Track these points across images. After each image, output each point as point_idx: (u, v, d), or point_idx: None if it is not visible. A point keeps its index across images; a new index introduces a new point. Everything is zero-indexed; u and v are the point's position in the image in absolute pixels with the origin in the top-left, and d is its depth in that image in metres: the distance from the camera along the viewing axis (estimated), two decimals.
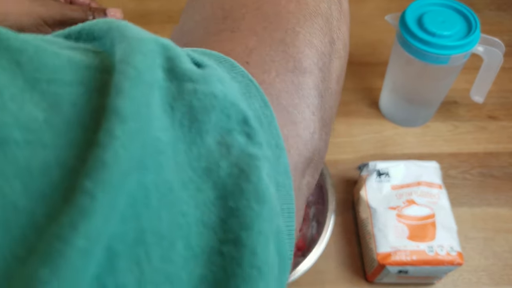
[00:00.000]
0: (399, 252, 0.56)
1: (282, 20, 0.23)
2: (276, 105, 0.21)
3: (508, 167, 0.74)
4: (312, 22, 0.23)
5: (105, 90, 0.15)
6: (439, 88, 0.73)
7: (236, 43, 0.22)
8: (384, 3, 1.03)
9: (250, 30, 0.22)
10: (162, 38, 0.21)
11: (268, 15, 0.23)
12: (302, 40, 0.23)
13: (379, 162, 0.65)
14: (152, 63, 0.17)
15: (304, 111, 0.22)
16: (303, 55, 0.22)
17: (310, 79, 0.23)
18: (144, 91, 0.15)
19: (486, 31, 0.65)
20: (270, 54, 0.22)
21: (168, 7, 1.05)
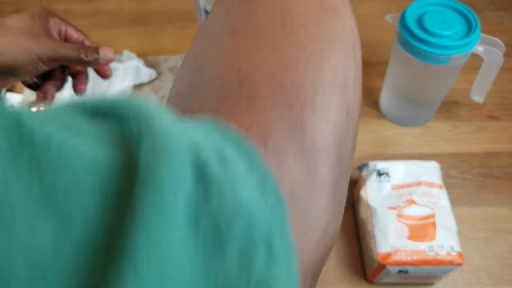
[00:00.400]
0: (399, 252, 0.56)
1: (300, 91, 0.21)
2: (290, 200, 0.20)
3: (508, 167, 0.74)
4: (329, 93, 0.22)
5: (125, 203, 0.14)
6: (439, 88, 0.73)
7: (255, 119, 0.21)
8: (384, 3, 1.03)
9: (267, 102, 0.21)
10: (193, 130, 0.18)
11: (285, 84, 0.22)
12: (320, 114, 0.22)
13: (379, 162, 0.65)
14: (179, 177, 0.16)
15: (318, 205, 0.22)
16: (320, 133, 0.22)
17: (325, 162, 0.22)
18: (166, 217, 0.14)
19: (486, 31, 0.65)
20: (287, 135, 0.21)
21: (168, 7, 1.05)
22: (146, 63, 0.92)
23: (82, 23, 1.02)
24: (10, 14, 1.11)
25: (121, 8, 1.05)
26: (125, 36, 0.98)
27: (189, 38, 0.96)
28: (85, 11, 1.05)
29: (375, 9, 1.02)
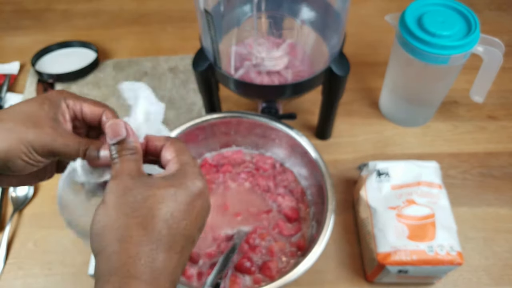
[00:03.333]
0: (399, 252, 0.56)
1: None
2: None
3: (508, 167, 0.74)
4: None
5: None
6: (439, 88, 0.73)
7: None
8: (384, 3, 1.03)
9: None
10: None
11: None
12: None
13: (379, 162, 0.65)
14: None
15: None
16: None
17: None
18: None
19: (486, 31, 0.65)
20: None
21: (168, 7, 1.05)
22: (146, 63, 0.92)
23: (82, 23, 1.02)
24: (10, 14, 1.11)
25: (121, 8, 1.05)
26: (125, 36, 0.98)
27: (189, 38, 0.96)
28: (85, 11, 1.05)
29: (375, 9, 1.02)
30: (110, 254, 0.31)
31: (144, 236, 0.31)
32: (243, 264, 0.58)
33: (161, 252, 0.31)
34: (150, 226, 0.31)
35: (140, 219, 0.31)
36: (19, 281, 0.64)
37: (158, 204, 0.32)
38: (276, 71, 0.62)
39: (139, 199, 0.32)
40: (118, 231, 0.31)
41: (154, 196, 0.32)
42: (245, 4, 0.62)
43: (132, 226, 0.31)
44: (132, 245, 0.31)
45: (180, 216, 0.33)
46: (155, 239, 0.31)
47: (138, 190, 0.32)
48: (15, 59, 0.93)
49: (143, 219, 0.31)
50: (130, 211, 0.32)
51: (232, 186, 0.67)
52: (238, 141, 0.70)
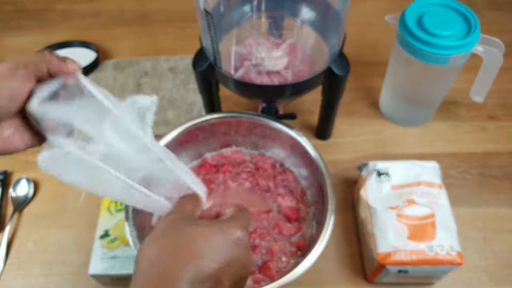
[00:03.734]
0: (399, 251, 0.56)
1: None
2: None
3: (507, 167, 0.74)
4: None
5: None
6: (439, 88, 0.73)
7: None
8: (384, 3, 1.03)
9: None
10: None
11: None
12: None
13: (379, 162, 0.65)
14: None
15: None
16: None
17: None
18: None
19: (486, 31, 0.65)
20: None
21: (168, 7, 1.05)
22: (146, 63, 0.92)
23: (82, 23, 1.02)
24: (10, 14, 1.11)
25: (121, 8, 1.05)
26: (125, 36, 0.98)
27: (189, 38, 0.96)
28: (85, 11, 1.05)
29: (375, 9, 1.02)
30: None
31: (172, 270, 0.33)
32: None
33: (188, 284, 0.33)
34: (178, 260, 0.33)
35: (170, 257, 0.33)
36: (19, 281, 0.64)
37: (192, 240, 0.34)
38: (276, 71, 0.62)
39: (175, 235, 0.35)
40: (153, 257, 0.34)
41: (187, 234, 0.35)
42: (245, 4, 0.62)
43: (165, 252, 0.34)
44: (162, 272, 0.33)
45: (209, 253, 0.34)
46: (185, 272, 0.33)
47: (176, 226, 0.36)
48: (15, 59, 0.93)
49: (173, 256, 0.33)
50: (164, 248, 0.34)
51: (232, 186, 0.67)
52: (238, 141, 0.70)
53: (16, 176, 0.75)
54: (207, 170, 0.68)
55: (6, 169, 0.76)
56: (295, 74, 0.62)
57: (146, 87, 0.87)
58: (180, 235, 0.35)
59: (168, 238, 0.35)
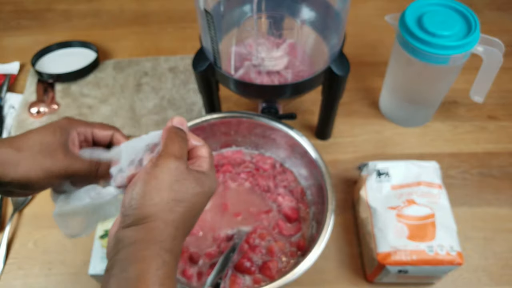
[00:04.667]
0: (399, 252, 0.56)
1: None
2: None
3: (507, 167, 0.74)
4: None
5: None
6: (439, 88, 0.73)
7: None
8: (384, 3, 1.03)
9: None
10: None
11: None
12: None
13: (379, 162, 0.65)
14: None
15: None
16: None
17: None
18: None
19: (486, 31, 0.65)
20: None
21: (168, 7, 1.05)
22: (146, 63, 0.92)
23: (82, 23, 1.02)
24: (10, 14, 1.11)
25: (121, 8, 1.05)
26: (125, 36, 0.98)
27: (189, 38, 0.96)
28: (85, 11, 1.05)
29: (375, 9, 1.02)
30: (150, 230, 0.35)
31: (182, 224, 0.37)
32: (243, 264, 0.58)
33: (183, 236, 0.38)
34: (188, 216, 0.37)
35: (184, 210, 0.37)
36: (19, 281, 0.64)
37: (201, 200, 0.38)
38: (276, 71, 0.62)
39: (190, 192, 0.37)
40: (167, 213, 0.36)
41: (198, 194, 0.38)
42: (245, 4, 0.62)
43: (177, 213, 0.36)
44: (174, 230, 0.36)
45: (200, 211, 0.39)
46: (186, 227, 0.38)
47: (190, 184, 0.38)
48: (15, 59, 0.93)
49: (186, 211, 0.37)
50: (182, 200, 0.37)
51: (232, 186, 0.67)
52: (238, 141, 0.70)
53: None
54: None
55: None
56: (295, 74, 0.62)
57: (146, 87, 0.87)
58: (191, 197, 0.38)
59: (180, 199, 0.37)
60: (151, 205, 0.35)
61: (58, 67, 0.90)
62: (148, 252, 0.34)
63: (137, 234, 0.34)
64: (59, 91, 0.87)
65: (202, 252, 0.60)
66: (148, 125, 0.81)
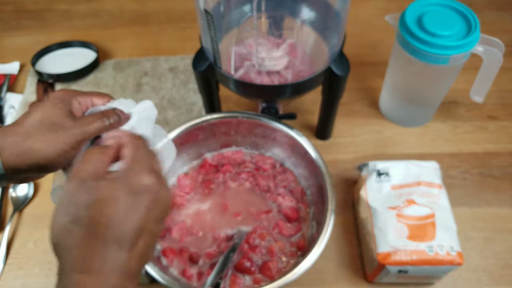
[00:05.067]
0: (399, 252, 0.56)
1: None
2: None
3: (507, 167, 0.74)
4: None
5: None
6: (439, 88, 0.73)
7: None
8: (384, 3, 1.03)
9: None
10: None
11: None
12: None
13: (379, 162, 0.65)
14: None
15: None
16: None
17: None
18: None
19: (486, 31, 0.65)
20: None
21: (168, 7, 1.05)
22: (146, 63, 0.92)
23: (82, 23, 1.02)
24: (10, 14, 1.11)
25: (121, 8, 1.06)
26: (125, 36, 0.98)
27: (189, 38, 0.96)
28: (85, 11, 1.05)
29: (375, 9, 1.02)
30: (63, 256, 0.34)
31: (90, 240, 0.33)
32: (243, 264, 0.58)
33: (110, 251, 0.33)
34: (93, 232, 0.33)
35: (84, 228, 0.33)
36: (19, 281, 0.64)
37: (100, 209, 0.34)
38: (276, 71, 0.62)
39: (82, 207, 0.34)
40: (67, 238, 0.33)
41: (94, 203, 0.34)
42: (245, 4, 0.62)
43: (77, 234, 0.33)
44: (81, 250, 0.33)
45: (123, 216, 0.34)
46: (101, 242, 0.33)
47: (81, 196, 0.34)
48: (15, 59, 0.93)
49: (87, 228, 0.33)
50: (76, 219, 0.34)
51: (232, 186, 0.67)
52: (238, 141, 0.70)
53: None
54: (207, 170, 0.68)
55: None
56: (295, 74, 0.62)
57: (146, 87, 0.87)
58: (85, 210, 0.34)
59: (75, 217, 0.34)
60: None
61: (58, 67, 0.90)
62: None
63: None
64: None
65: (202, 252, 0.60)
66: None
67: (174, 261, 0.59)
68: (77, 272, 0.32)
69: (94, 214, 0.34)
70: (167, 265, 0.59)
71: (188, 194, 0.66)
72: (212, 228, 0.62)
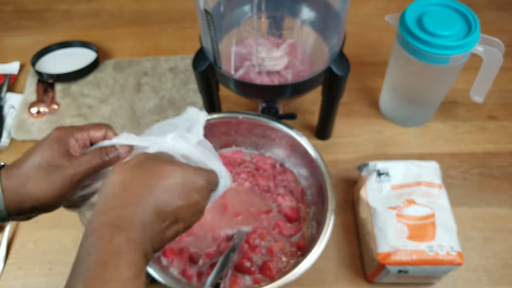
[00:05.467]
0: (399, 251, 0.56)
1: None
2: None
3: (507, 167, 0.74)
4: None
5: None
6: (439, 88, 0.73)
7: None
8: (384, 3, 1.03)
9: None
10: None
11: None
12: None
13: (379, 162, 0.65)
14: None
15: None
16: None
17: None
18: None
19: (486, 31, 0.65)
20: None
21: (168, 7, 1.05)
22: (146, 63, 0.92)
23: (82, 23, 1.02)
24: (10, 14, 1.11)
25: (121, 8, 1.05)
26: (125, 36, 0.98)
27: (189, 38, 0.96)
28: (85, 11, 1.05)
29: (375, 9, 1.02)
30: (110, 196, 0.36)
31: (143, 192, 0.36)
32: (243, 264, 0.58)
33: (150, 214, 0.36)
34: (150, 188, 0.36)
35: (145, 179, 0.36)
36: (19, 281, 0.64)
37: (164, 176, 0.37)
38: (276, 71, 0.62)
39: (151, 168, 0.37)
40: (125, 182, 0.36)
41: (163, 169, 0.37)
42: (245, 4, 0.62)
43: (137, 181, 0.36)
44: (131, 195, 0.36)
45: (176, 196, 0.37)
46: (151, 201, 0.36)
47: (153, 161, 0.38)
48: (15, 59, 0.93)
49: (148, 180, 0.36)
50: (142, 170, 0.37)
51: (232, 186, 0.67)
52: (238, 141, 0.70)
53: None
54: None
55: None
56: (295, 74, 0.62)
57: (146, 87, 0.87)
58: (153, 169, 0.37)
59: (141, 171, 0.37)
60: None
61: (58, 67, 0.90)
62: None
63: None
64: (59, 91, 0.87)
65: (202, 252, 0.60)
66: (148, 125, 0.81)
67: (174, 261, 0.59)
68: (108, 224, 0.34)
69: (156, 177, 0.37)
70: (167, 265, 0.59)
71: None
72: (212, 228, 0.62)
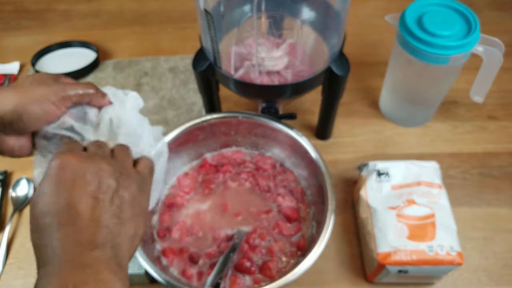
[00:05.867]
0: (399, 252, 0.56)
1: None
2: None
3: (507, 167, 0.74)
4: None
5: None
6: (439, 88, 0.73)
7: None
8: (384, 3, 1.03)
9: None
10: None
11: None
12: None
13: (379, 162, 0.65)
14: None
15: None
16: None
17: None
18: None
19: (486, 31, 0.65)
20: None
21: (168, 7, 1.05)
22: (146, 63, 0.92)
23: (82, 23, 1.02)
24: (10, 14, 1.11)
25: (121, 8, 1.06)
26: (125, 36, 0.98)
27: (189, 38, 0.96)
28: (85, 11, 1.05)
29: (375, 9, 1.02)
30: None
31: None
32: (243, 264, 0.58)
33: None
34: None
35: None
36: (19, 281, 0.64)
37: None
38: (276, 71, 0.62)
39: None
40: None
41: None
42: (245, 4, 0.62)
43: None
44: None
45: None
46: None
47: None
48: (15, 59, 0.93)
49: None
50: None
51: (232, 186, 0.67)
52: (238, 141, 0.70)
53: (16, 176, 0.75)
54: (207, 170, 0.68)
55: (6, 169, 0.76)
56: (295, 74, 0.62)
57: (146, 87, 0.87)
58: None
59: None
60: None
61: (58, 67, 0.90)
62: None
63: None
64: None
65: (202, 252, 0.60)
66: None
67: (174, 261, 0.59)
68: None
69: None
70: (167, 265, 0.59)
71: (188, 194, 0.66)
72: (212, 228, 0.62)
